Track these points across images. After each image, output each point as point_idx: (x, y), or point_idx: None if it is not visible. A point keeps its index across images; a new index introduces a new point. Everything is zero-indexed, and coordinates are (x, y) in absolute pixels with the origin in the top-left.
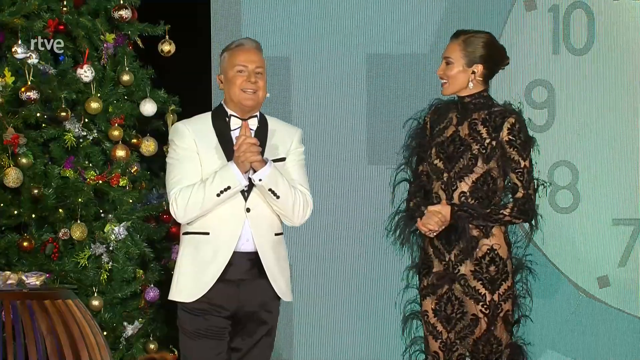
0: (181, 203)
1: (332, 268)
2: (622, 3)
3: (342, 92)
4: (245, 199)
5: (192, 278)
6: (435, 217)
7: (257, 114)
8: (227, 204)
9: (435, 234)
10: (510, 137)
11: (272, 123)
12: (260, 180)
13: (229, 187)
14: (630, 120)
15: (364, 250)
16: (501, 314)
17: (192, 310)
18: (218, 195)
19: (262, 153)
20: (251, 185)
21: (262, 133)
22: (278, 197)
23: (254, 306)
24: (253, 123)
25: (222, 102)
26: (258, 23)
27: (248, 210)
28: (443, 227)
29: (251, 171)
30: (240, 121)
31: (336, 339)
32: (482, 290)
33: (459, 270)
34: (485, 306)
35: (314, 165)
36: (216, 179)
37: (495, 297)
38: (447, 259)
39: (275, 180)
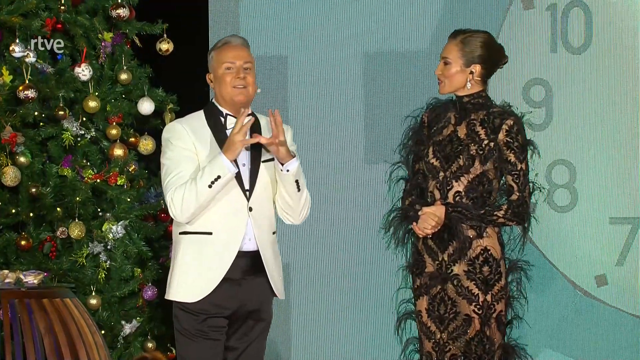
0: (177, 202)
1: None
2: (620, 1)
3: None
4: (248, 198)
5: (196, 278)
6: (432, 221)
7: (250, 111)
8: (230, 203)
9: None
10: (507, 138)
11: (265, 121)
12: (288, 170)
13: (219, 177)
14: (628, 119)
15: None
16: (494, 315)
17: (193, 311)
18: (210, 186)
19: (260, 147)
20: (253, 184)
21: (256, 130)
22: (299, 190)
23: (253, 304)
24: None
25: (213, 101)
26: (256, 22)
27: (250, 209)
28: (438, 228)
29: (279, 164)
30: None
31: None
32: (475, 291)
33: (452, 270)
34: (478, 306)
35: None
36: (206, 171)
37: (489, 297)
38: (440, 259)
39: (300, 172)
